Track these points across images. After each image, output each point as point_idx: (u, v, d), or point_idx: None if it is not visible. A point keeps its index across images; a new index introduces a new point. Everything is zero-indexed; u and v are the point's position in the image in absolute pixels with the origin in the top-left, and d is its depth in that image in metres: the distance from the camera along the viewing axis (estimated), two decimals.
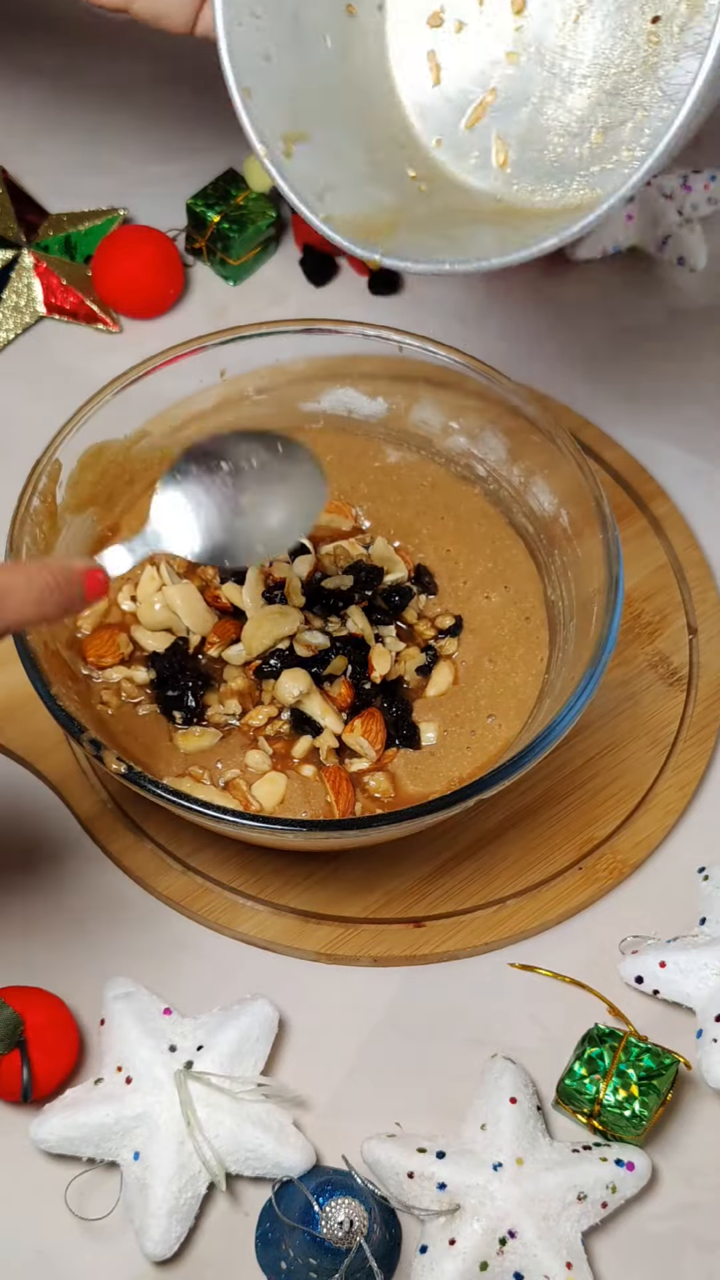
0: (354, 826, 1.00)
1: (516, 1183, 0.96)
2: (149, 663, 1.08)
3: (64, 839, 1.11)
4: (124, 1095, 0.99)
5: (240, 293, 1.34)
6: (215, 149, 1.39)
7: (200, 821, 1.00)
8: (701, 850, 1.12)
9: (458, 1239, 0.96)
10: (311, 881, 1.09)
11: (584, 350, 1.33)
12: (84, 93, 1.45)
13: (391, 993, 1.07)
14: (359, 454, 1.17)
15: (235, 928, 1.08)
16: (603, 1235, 0.99)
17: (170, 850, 1.09)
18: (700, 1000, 1.04)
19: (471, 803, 0.99)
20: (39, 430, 1.11)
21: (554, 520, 1.11)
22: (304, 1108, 1.03)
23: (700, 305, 1.35)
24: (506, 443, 1.14)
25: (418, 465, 1.17)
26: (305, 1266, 0.95)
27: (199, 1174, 0.98)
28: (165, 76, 1.46)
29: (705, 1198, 1.01)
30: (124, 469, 1.14)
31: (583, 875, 1.10)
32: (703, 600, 1.19)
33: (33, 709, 1.12)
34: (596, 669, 1.01)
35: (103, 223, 1.34)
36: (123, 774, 0.99)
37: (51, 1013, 1.02)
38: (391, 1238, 0.98)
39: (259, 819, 0.99)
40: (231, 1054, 1.00)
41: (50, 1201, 0.99)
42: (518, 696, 1.09)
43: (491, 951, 1.08)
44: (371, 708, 1.07)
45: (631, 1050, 0.99)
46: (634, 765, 1.13)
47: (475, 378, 1.12)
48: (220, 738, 1.06)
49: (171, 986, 1.05)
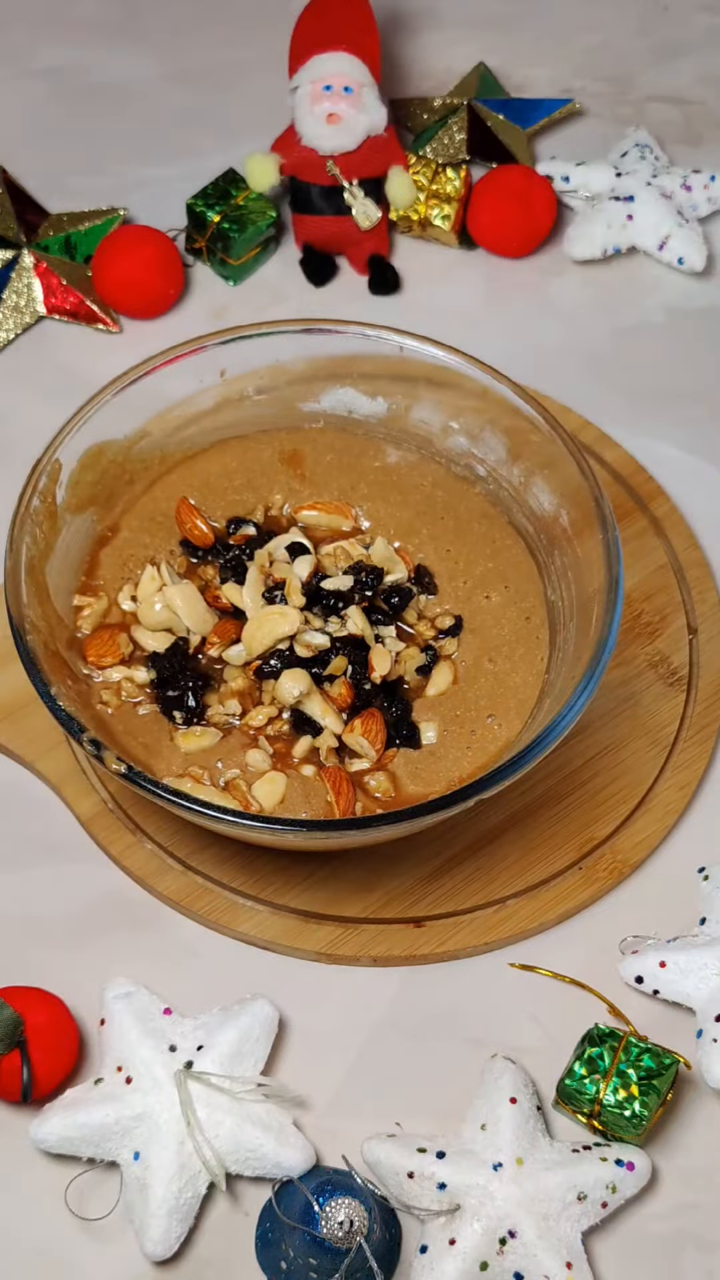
0: (354, 826, 1.00)
1: (516, 1183, 0.96)
2: (149, 663, 1.08)
3: (64, 839, 1.11)
4: (124, 1095, 0.99)
5: (240, 293, 1.34)
6: (215, 149, 1.40)
7: (200, 821, 1.00)
8: (701, 850, 1.11)
9: (458, 1239, 0.95)
10: (311, 881, 1.08)
11: (584, 350, 1.32)
12: (84, 93, 1.45)
13: (391, 993, 1.07)
14: (359, 454, 1.17)
15: (235, 928, 1.08)
16: (603, 1235, 0.99)
17: (170, 850, 1.09)
18: (700, 1000, 1.03)
19: (471, 803, 0.99)
20: (39, 430, 1.11)
21: (554, 520, 1.11)
22: (304, 1108, 1.02)
23: (700, 306, 1.35)
24: (506, 443, 1.13)
25: (418, 465, 1.17)
26: (305, 1266, 0.95)
27: (199, 1174, 0.98)
28: (166, 77, 1.46)
29: (705, 1198, 1.01)
30: (124, 469, 1.13)
31: (583, 875, 1.09)
32: (703, 600, 1.19)
33: (33, 709, 1.12)
34: (596, 669, 1.01)
35: (103, 223, 1.34)
36: (123, 774, 0.98)
37: (51, 1013, 1.01)
38: (391, 1238, 0.97)
39: (259, 819, 0.99)
40: (231, 1054, 1.00)
41: (50, 1202, 0.99)
42: (518, 696, 1.08)
43: (491, 951, 1.08)
44: (371, 708, 1.07)
45: (631, 1050, 0.99)
46: (634, 765, 1.13)
47: (475, 377, 1.12)
48: (220, 738, 1.06)
49: (171, 986, 1.05)
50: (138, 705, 1.07)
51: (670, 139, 1.43)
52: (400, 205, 1.34)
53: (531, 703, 1.08)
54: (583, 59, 1.49)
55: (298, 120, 1.31)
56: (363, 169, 1.32)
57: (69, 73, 1.46)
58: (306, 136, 1.31)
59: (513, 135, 1.40)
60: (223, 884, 1.08)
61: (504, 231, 1.35)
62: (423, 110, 1.41)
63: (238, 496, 1.15)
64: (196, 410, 1.15)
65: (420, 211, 1.34)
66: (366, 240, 1.34)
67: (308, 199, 1.33)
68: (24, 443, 1.15)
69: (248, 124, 1.40)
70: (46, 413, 1.14)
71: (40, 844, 1.11)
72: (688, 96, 1.46)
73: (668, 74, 1.48)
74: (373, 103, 1.31)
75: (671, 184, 1.35)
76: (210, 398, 1.15)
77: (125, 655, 1.08)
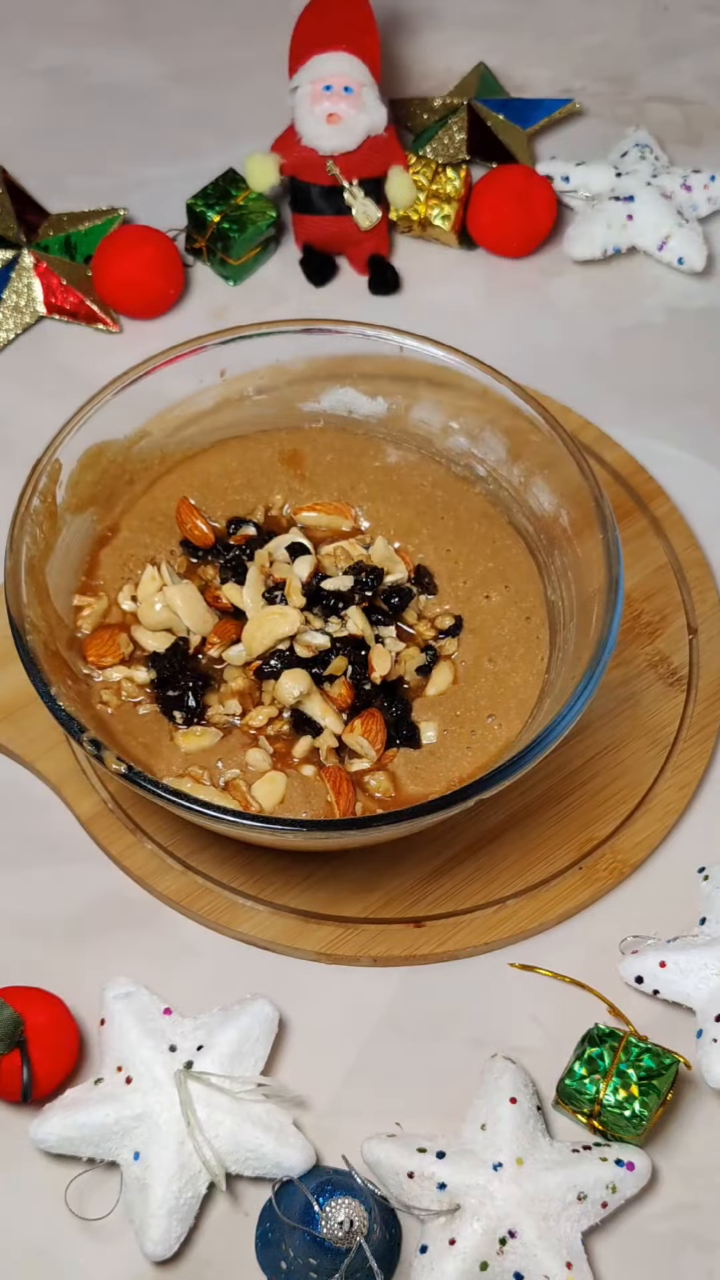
0: (354, 826, 1.00)
1: (516, 1183, 0.96)
2: (149, 663, 1.08)
3: (64, 839, 1.11)
4: (124, 1095, 0.98)
5: (240, 293, 1.34)
6: (215, 149, 1.39)
7: (200, 821, 0.99)
8: (701, 850, 1.11)
9: (458, 1239, 0.95)
10: (311, 881, 1.08)
11: (584, 350, 1.32)
12: (85, 93, 1.45)
13: (391, 993, 1.06)
14: (359, 454, 1.17)
15: (235, 928, 1.07)
16: (603, 1235, 0.99)
17: (170, 850, 1.09)
18: (700, 1000, 1.03)
19: (471, 803, 0.99)
20: (39, 430, 1.11)
21: (554, 520, 1.11)
22: (304, 1108, 1.02)
23: (700, 306, 1.35)
24: (506, 443, 1.13)
25: (418, 465, 1.16)
26: (305, 1266, 0.94)
27: (199, 1174, 0.97)
28: (165, 76, 1.45)
29: (705, 1198, 1.00)
30: (124, 469, 1.13)
31: (583, 875, 1.09)
32: (703, 600, 1.19)
33: (33, 709, 1.12)
34: (597, 669, 1.01)
35: (103, 223, 1.33)
36: (122, 774, 0.98)
37: (51, 1013, 1.01)
38: (391, 1238, 0.97)
39: (259, 819, 0.98)
40: (231, 1054, 1.00)
41: (50, 1201, 0.99)
42: (518, 696, 1.08)
43: (491, 951, 1.08)
44: (372, 708, 1.06)
45: (631, 1050, 0.99)
46: (634, 765, 1.13)
47: (475, 377, 1.12)
48: (220, 738, 1.06)
49: (171, 986, 1.05)
50: (138, 705, 1.07)
51: (670, 139, 1.43)
52: (400, 205, 1.34)
53: (532, 702, 1.08)
54: (583, 59, 1.48)
55: (298, 120, 1.31)
56: (363, 169, 1.32)
57: (69, 73, 1.45)
58: (306, 136, 1.31)
59: (513, 135, 1.39)
60: (223, 884, 1.08)
61: (504, 231, 1.34)
62: (423, 110, 1.41)
63: (238, 496, 1.15)
64: (196, 410, 1.15)
65: (420, 211, 1.34)
66: (366, 240, 1.33)
67: (308, 199, 1.33)
68: (23, 443, 1.15)
69: (248, 124, 1.40)
70: (46, 413, 1.14)
71: (40, 844, 1.11)
72: (688, 96, 1.46)
73: (668, 74, 1.48)
74: (373, 103, 1.31)
75: (671, 184, 1.35)
76: (210, 398, 1.15)
77: (125, 655, 1.08)
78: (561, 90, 1.46)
